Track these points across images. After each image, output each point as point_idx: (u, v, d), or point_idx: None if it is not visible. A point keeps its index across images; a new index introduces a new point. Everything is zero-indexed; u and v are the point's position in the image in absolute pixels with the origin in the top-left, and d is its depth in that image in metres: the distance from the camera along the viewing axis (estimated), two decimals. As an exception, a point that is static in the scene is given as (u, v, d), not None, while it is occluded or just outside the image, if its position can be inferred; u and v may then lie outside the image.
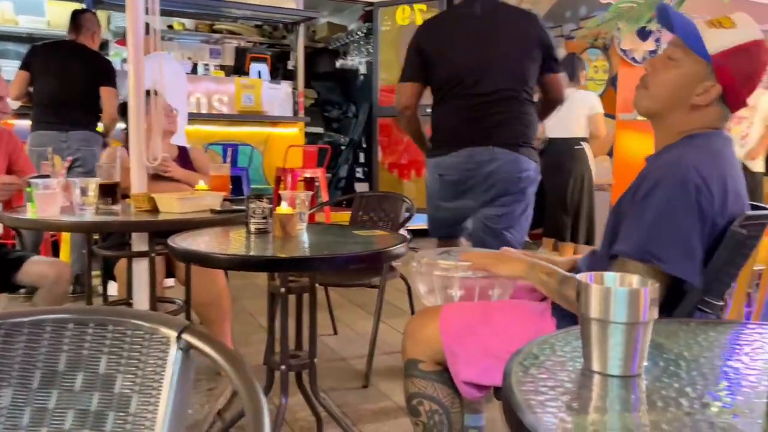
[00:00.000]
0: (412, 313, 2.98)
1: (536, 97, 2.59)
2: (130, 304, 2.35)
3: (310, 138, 6.18)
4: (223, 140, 4.99)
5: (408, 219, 2.82)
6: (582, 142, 4.57)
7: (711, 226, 1.21)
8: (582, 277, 0.76)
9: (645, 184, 1.24)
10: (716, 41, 1.25)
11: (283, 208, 1.74)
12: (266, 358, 1.80)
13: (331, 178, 5.28)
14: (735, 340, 0.88)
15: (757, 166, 4.58)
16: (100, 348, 0.86)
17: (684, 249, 1.18)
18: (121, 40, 4.83)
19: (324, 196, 4.90)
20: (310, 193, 1.91)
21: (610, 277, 0.78)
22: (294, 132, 5.33)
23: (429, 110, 2.55)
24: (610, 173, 5.65)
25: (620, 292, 0.71)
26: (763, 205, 1.45)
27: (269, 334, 1.75)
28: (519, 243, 2.46)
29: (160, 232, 2.08)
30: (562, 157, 4.50)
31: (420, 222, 5.24)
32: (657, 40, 5.71)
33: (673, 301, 1.28)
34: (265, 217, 1.78)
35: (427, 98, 2.57)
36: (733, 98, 1.28)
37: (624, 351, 0.72)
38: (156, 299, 2.20)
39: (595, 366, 0.74)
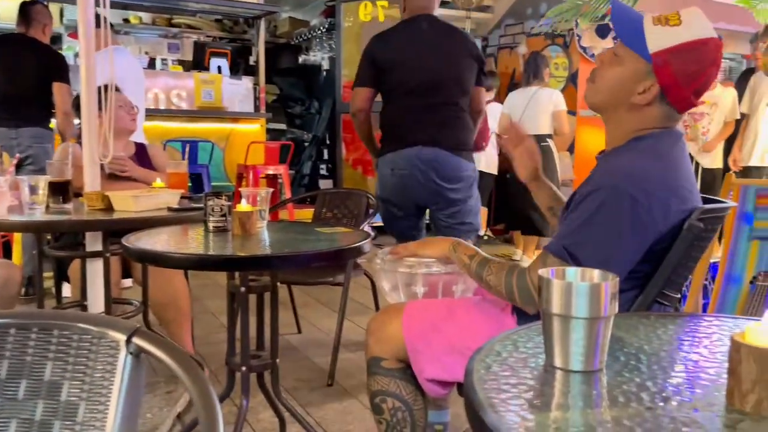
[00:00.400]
0: (377, 310, 2.96)
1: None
2: (84, 307, 2.28)
3: (273, 134, 6.10)
4: (182, 137, 4.88)
5: (372, 215, 2.80)
6: (548, 139, 4.64)
7: (652, 233, 1.21)
8: (544, 272, 0.75)
9: (587, 187, 1.24)
10: (658, 39, 1.23)
11: (243, 205, 1.70)
12: (227, 359, 1.76)
13: (294, 175, 5.22)
14: (694, 333, 0.88)
15: (715, 163, 4.69)
16: (45, 354, 0.82)
17: (602, 258, 1.15)
18: (74, 33, 4.68)
19: (287, 193, 4.85)
20: (271, 190, 1.87)
21: (571, 273, 0.78)
22: (256, 128, 5.26)
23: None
24: (571, 169, 5.73)
25: (581, 287, 0.71)
26: (718, 198, 1.47)
27: (229, 335, 1.71)
28: (472, 235, 2.75)
29: (116, 231, 2.01)
30: None
31: (384, 218, 5.18)
32: (615, 38, 5.81)
33: (632, 297, 1.29)
34: (224, 215, 1.74)
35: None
36: (675, 98, 1.25)
37: (585, 346, 0.71)
38: (111, 301, 2.13)
39: (557, 362, 0.73)
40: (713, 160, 4.67)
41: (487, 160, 5.15)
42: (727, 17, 4.41)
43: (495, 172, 5.17)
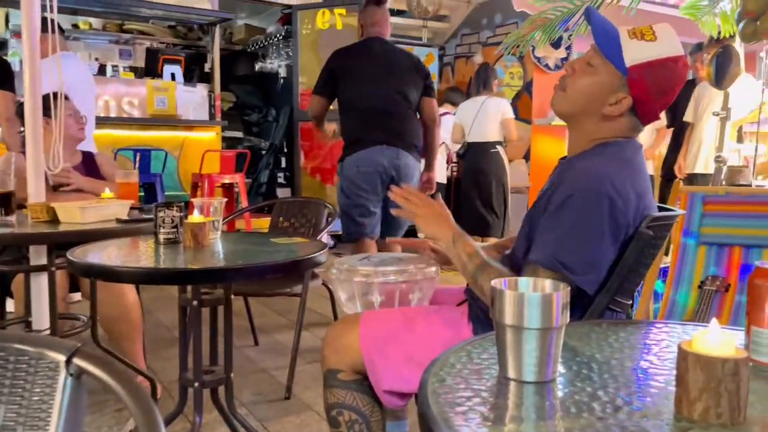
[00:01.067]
0: (335, 320, 2.94)
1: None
2: (28, 323, 2.19)
3: (229, 143, 6.02)
4: (134, 145, 4.76)
5: (329, 224, 2.78)
6: (497, 146, 4.75)
7: (624, 234, 1.24)
8: (496, 283, 0.75)
9: (559, 193, 1.24)
10: (634, 53, 1.25)
11: (195, 216, 1.66)
12: (180, 375, 1.71)
13: (251, 184, 5.14)
14: (644, 340, 0.90)
15: (649, 170, 4.84)
16: (-22, 377, 0.78)
17: (591, 262, 1.20)
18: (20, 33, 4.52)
19: (243, 202, 4.78)
20: (225, 200, 1.83)
21: (524, 283, 0.78)
22: (211, 136, 5.17)
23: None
24: (527, 176, 5.83)
25: (533, 298, 0.71)
26: (668, 207, 1.51)
27: (181, 350, 1.66)
28: (405, 225, 3.36)
29: (62, 243, 1.94)
30: (479, 159, 4.74)
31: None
32: (568, 48, 5.95)
33: (585, 302, 1.30)
34: (175, 227, 1.69)
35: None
36: (644, 111, 1.29)
37: (538, 357, 0.71)
38: (57, 316, 2.04)
39: (511, 373, 0.73)
40: (648, 168, 4.83)
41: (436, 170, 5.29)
42: (676, 29, 4.56)
43: (444, 180, 5.29)
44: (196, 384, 1.59)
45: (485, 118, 4.71)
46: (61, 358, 0.77)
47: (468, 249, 1.33)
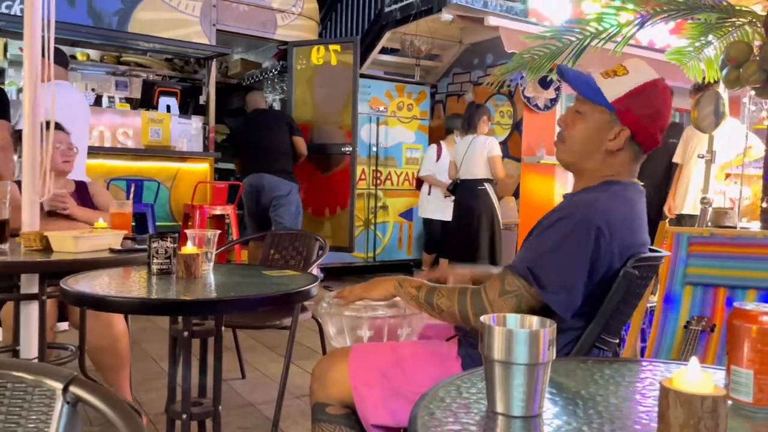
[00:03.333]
0: (324, 353, 2.93)
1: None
2: (16, 352, 2.17)
3: (222, 174, 6.05)
4: (127, 175, 4.78)
5: (320, 257, 2.80)
6: (485, 183, 4.83)
7: (607, 268, 1.28)
8: (485, 319, 0.77)
9: (551, 216, 1.30)
10: (613, 89, 1.34)
11: (188, 247, 1.68)
12: (167, 407, 1.70)
13: (242, 215, 5.16)
14: (628, 378, 0.92)
15: None
16: (-26, 404, 0.78)
17: (565, 283, 1.23)
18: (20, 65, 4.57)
19: (234, 234, 4.79)
20: (218, 231, 1.85)
21: (512, 319, 0.80)
22: (204, 167, 5.20)
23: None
24: (516, 213, 5.89)
25: (521, 334, 0.73)
26: (657, 249, 1.54)
27: (170, 381, 1.65)
28: (292, 225, 4.96)
29: (53, 272, 1.94)
30: (468, 196, 4.84)
31: (333, 260, 5.20)
32: (557, 89, 6.08)
33: (572, 339, 1.33)
34: (168, 257, 1.71)
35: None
36: (643, 137, 1.36)
37: (526, 392, 0.73)
38: (46, 346, 2.03)
39: (499, 407, 0.75)
40: None
41: (432, 207, 5.42)
42: (661, 73, 4.69)
43: (438, 218, 5.40)
44: (184, 416, 1.58)
45: (473, 156, 4.83)
46: (58, 386, 0.78)
47: (414, 284, 1.41)
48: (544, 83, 5.97)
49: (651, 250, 1.49)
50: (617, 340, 1.47)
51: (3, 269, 1.89)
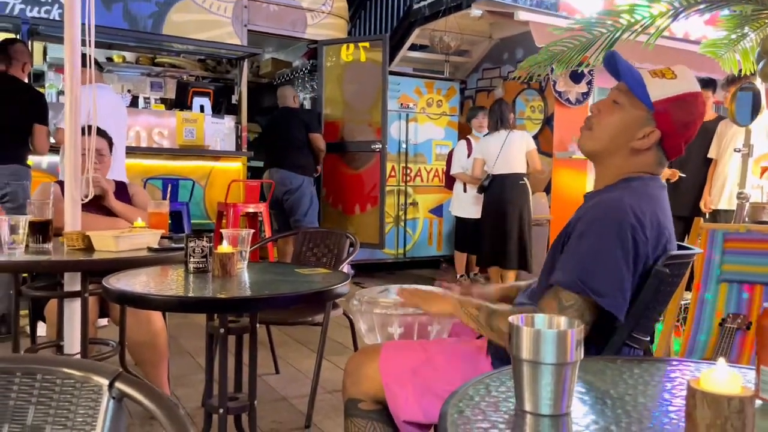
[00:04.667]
0: (355, 349, 2.96)
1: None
2: (60, 347, 2.26)
3: (255, 172, 6.14)
4: (163, 174, 4.89)
5: (351, 255, 2.83)
6: (524, 178, 4.81)
7: (643, 266, 1.28)
8: (513, 319, 0.79)
9: (583, 221, 1.30)
10: (658, 90, 1.33)
11: (224, 246, 1.72)
12: (204, 401, 1.76)
13: (278, 213, 5.25)
14: (657, 377, 0.92)
15: None
16: (28, 398, 0.83)
17: (617, 284, 1.23)
18: (61, 68, 4.71)
19: (267, 231, 4.86)
20: (252, 231, 1.89)
21: (540, 319, 0.82)
22: (237, 166, 5.29)
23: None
24: (548, 209, 5.84)
25: (549, 334, 0.74)
26: (688, 245, 1.53)
27: (207, 376, 1.71)
28: (310, 222, 5.27)
29: (95, 271, 2.01)
30: (505, 191, 4.78)
31: (364, 256, 5.24)
32: (589, 83, 6.00)
33: (604, 336, 1.33)
34: (204, 256, 1.76)
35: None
36: (671, 144, 1.36)
37: (554, 391, 0.75)
38: (88, 341, 2.11)
39: (527, 406, 0.76)
40: None
41: (468, 205, 5.33)
42: (696, 65, 4.59)
43: (472, 216, 5.31)
44: (221, 410, 1.63)
45: (511, 150, 4.78)
46: (105, 382, 0.82)
47: (473, 305, 1.38)
48: (576, 77, 5.90)
49: (681, 247, 1.48)
50: (648, 338, 1.46)
51: (48, 268, 1.97)
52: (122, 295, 1.47)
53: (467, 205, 5.40)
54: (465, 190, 5.44)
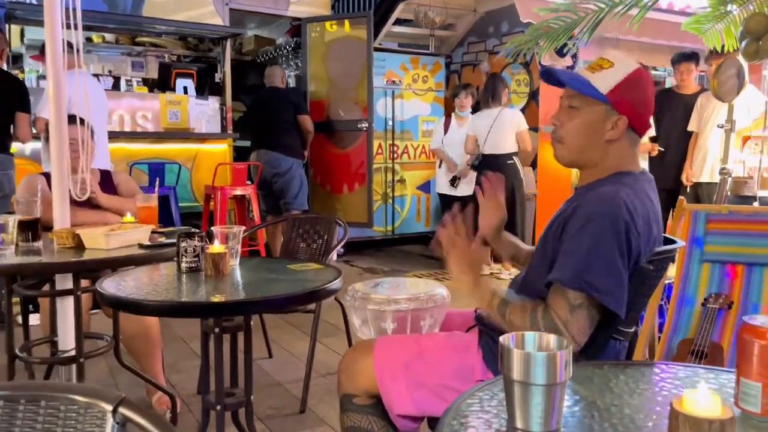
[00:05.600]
0: (347, 331, 3.01)
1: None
2: (54, 343, 2.27)
3: (240, 152, 6.11)
4: (148, 158, 4.85)
5: (341, 242, 2.86)
6: (513, 157, 4.80)
7: (634, 261, 1.31)
8: (504, 338, 0.82)
9: (578, 217, 1.32)
10: (604, 81, 1.37)
11: (215, 246, 1.74)
12: (201, 392, 1.79)
13: (267, 195, 5.24)
14: (642, 385, 0.96)
15: None
16: (33, 425, 0.85)
17: (618, 282, 1.26)
18: (37, 55, 4.62)
19: (255, 213, 4.86)
20: (242, 228, 1.91)
21: (530, 339, 0.85)
22: (223, 148, 5.26)
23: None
24: (534, 183, 5.88)
25: (539, 357, 0.77)
26: (672, 238, 1.57)
27: (203, 373, 1.73)
28: (300, 205, 5.25)
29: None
30: (496, 171, 4.77)
31: (352, 234, 5.27)
32: (573, 56, 5.99)
33: (594, 332, 1.36)
34: (197, 256, 1.77)
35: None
36: (639, 123, 1.40)
37: (544, 409, 0.78)
38: (83, 337, 2.12)
39: (519, 424, 0.80)
40: None
41: (439, 181, 5.34)
42: (679, 37, 4.60)
43: (450, 192, 5.33)
44: (219, 407, 1.66)
45: (501, 129, 4.75)
46: (108, 407, 0.84)
47: (489, 289, 1.40)
48: (560, 51, 5.88)
49: (666, 240, 1.52)
50: (633, 329, 1.50)
51: (40, 270, 1.97)
52: (117, 302, 1.48)
53: (443, 182, 5.40)
54: (440, 166, 5.46)
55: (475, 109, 5.28)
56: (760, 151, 3.99)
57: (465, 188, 5.17)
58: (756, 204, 3.90)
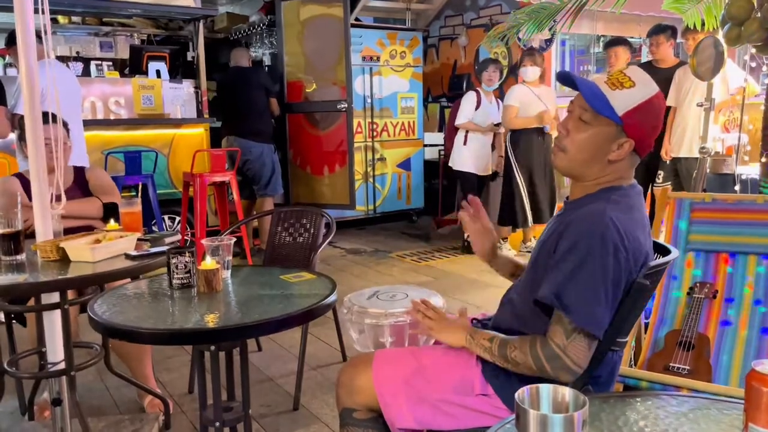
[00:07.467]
0: (336, 318, 3.00)
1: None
2: (42, 354, 2.24)
3: (216, 132, 5.99)
4: (123, 146, 4.73)
5: (328, 237, 2.84)
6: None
7: (626, 280, 1.32)
8: (519, 395, 0.82)
9: (567, 236, 1.33)
10: (622, 102, 1.34)
11: (207, 263, 1.71)
12: (200, 412, 1.78)
13: (241, 181, 5.15)
14: (648, 424, 0.98)
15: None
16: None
17: (596, 303, 1.28)
18: (3, 49, 4.43)
19: (236, 198, 4.80)
20: (233, 239, 1.88)
21: (545, 390, 0.85)
22: (199, 132, 5.15)
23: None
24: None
25: (556, 420, 0.78)
26: (665, 245, 1.58)
27: (200, 389, 1.73)
28: (273, 191, 5.29)
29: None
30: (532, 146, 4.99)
31: (334, 215, 5.25)
32: (551, 29, 5.94)
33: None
34: (188, 272, 1.75)
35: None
36: (643, 146, 1.40)
37: (561, 467, 0.79)
38: (72, 348, 2.09)
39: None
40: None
41: (460, 158, 5.28)
42: (657, 7, 4.58)
43: (477, 172, 5.32)
44: (217, 423, 1.66)
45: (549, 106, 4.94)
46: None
47: (485, 336, 1.43)
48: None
49: (658, 246, 1.54)
50: (626, 340, 1.53)
51: (29, 290, 1.92)
52: (111, 330, 1.46)
53: (467, 158, 5.25)
54: (465, 143, 5.26)
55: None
56: (737, 128, 4.04)
57: (474, 165, 5.29)
58: (737, 188, 3.95)
